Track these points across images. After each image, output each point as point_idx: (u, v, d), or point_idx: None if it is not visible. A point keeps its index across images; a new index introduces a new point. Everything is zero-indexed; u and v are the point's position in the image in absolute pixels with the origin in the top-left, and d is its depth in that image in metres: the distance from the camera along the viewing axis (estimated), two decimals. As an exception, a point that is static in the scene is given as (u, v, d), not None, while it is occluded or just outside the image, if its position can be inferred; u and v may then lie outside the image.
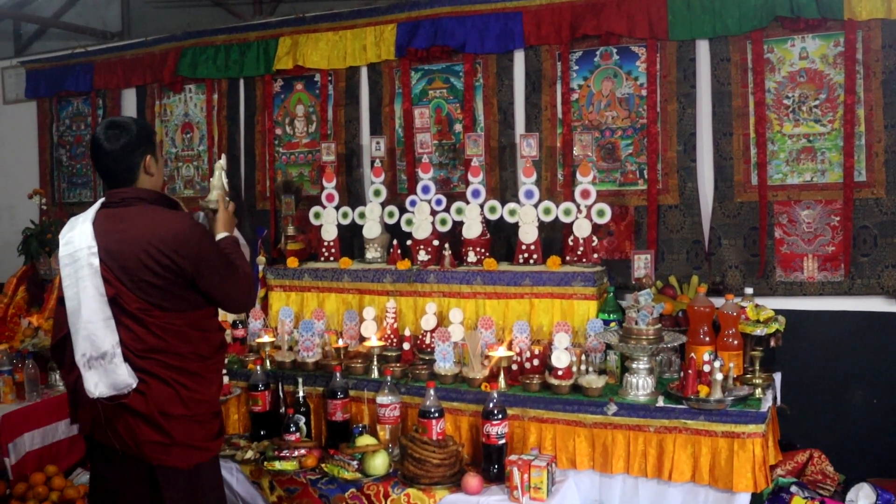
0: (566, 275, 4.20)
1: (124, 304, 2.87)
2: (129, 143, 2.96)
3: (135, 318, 2.88)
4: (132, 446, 2.91)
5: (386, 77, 5.14)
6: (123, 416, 2.88)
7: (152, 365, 2.91)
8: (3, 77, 6.90)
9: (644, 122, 4.51)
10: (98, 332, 2.83)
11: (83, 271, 2.85)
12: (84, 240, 2.89)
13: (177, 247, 2.88)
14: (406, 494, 3.63)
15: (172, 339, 2.94)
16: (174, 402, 2.94)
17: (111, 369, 2.83)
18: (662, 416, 3.58)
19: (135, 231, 2.89)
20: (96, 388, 2.84)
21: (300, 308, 4.77)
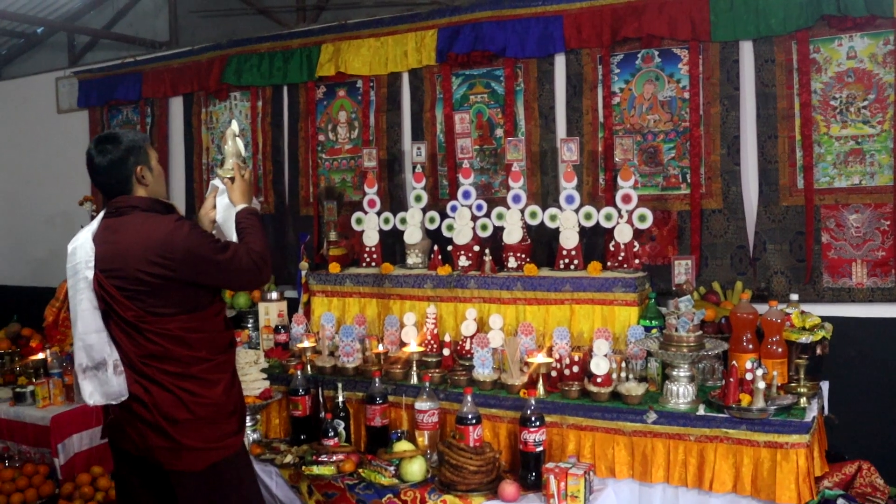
0: (607, 280, 4.15)
1: (121, 312, 2.92)
2: (119, 156, 3.01)
3: (132, 326, 2.93)
4: (145, 451, 2.97)
5: (427, 82, 5.14)
6: (133, 423, 2.95)
7: (154, 372, 2.94)
8: (57, 87, 7.06)
9: (687, 125, 4.45)
10: (93, 343, 2.94)
11: (80, 284, 2.96)
12: (83, 252, 2.97)
13: (164, 252, 2.90)
14: (442, 501, 3.61)
15: (169, 344, 2.95)
16: (177, 407, 2.95)
17: (105, 379, 2.93)
18: (703, 425, 3.52)
19: (126, 240, 2.93)
20: (91, 397, 2.97)
21: (342, 313, 4.79)
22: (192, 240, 2.96)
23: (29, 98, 7.32)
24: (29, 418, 4.86)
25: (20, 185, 7.42)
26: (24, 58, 7.61)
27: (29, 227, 7.36)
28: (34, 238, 7.32)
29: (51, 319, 5.89)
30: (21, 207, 7.41)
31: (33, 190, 7.32)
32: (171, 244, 2.91)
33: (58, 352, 5.27)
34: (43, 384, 4.95)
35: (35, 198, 7.30)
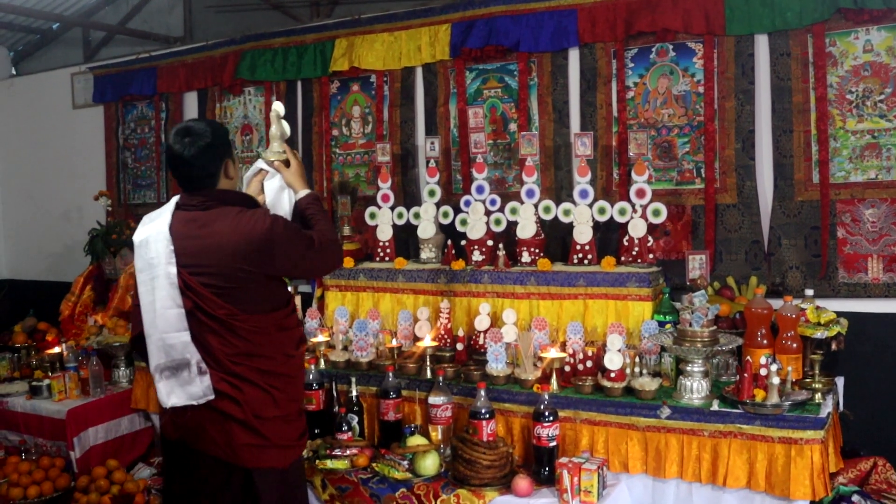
0: (621, 275, 4.14)
1: (211, 311, 2.86)
2: (208, 149, 2.93)
3: (223, 324, 2.88)
4: (228, 451, 2.90)
5: (441, 77, 5.14)
6: (219, 422, 2.89)
7: (245, 370, 2.91)
8: (72, 83, 7.09)
9: (701, 119, 4.43)
10: (174, 343, 2.85)
11: (159, 281, 2.87)
12: (161, 247, 2.88)
13: (262, 247, 2.87)
14: (456, 495, 3.61)
15: (261, 340, 2.94)
16: (268, 404, 2.95)
17: (187, 379, 2.85)
18: (717, 421, 3.50)
19: (218, 236, 2.86)
20: (169, 398, 2.88)
21: (355, 308, 4.80)
22: (289, 235, 2.95)
23: (45, 93, 7.35)
24: (45, 412, 4.91)
25: (36, 181, 7.46)
26: (40, 54, 7.66)
27: (44, 223, 7.40)
28: (50, 233, 7.36)
29: (67, 314, 5.94)
30: (37, 202, 7.46)
31: (49, 185, 7.36)
32: (270, 240, 2.88)
33: (73, 346, 5.32)
34: (59, 378, 5.00)
35: (50, 193, 7.34)
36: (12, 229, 7.72)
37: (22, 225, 7.63)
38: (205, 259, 2.86)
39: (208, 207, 2.93)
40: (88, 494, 4.36)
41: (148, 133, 6.57)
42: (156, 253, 2.88)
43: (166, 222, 2.92)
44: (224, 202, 2.96)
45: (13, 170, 7.66)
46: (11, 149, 7.65)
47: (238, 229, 2.87)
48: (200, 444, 2.92)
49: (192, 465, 2.96)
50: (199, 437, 2.91)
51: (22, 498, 4.43)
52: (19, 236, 7.67)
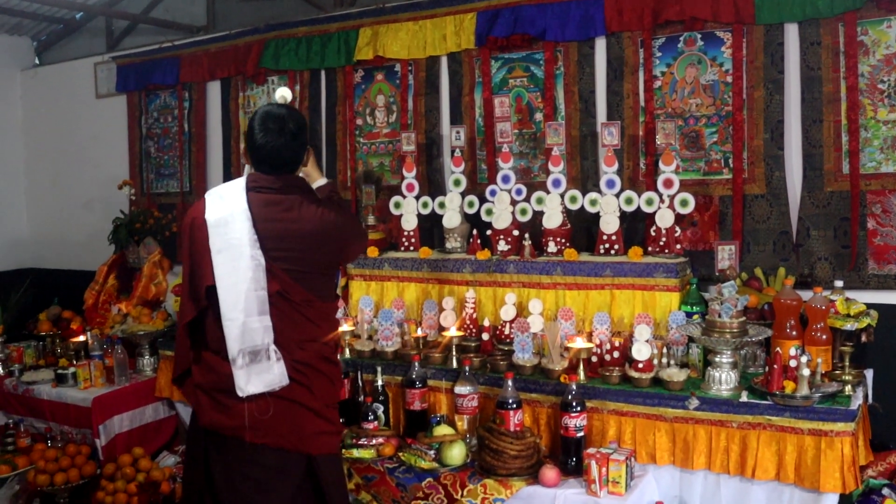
0: (648, 266, 4.12)
1: (290, 296, 2.88)
2: (300, 135, 3.00)
3: (298, 309, 2.90)
4: (294, 440, 2.89)
5: (466, 66, 5.11)
6: (290, 410, 2.87)
7: (310, 356, 2.93)
8: (95, 72, 7.12)
9: (729, 109, 4.39)
10: (256, 328, 2.82)
11: (244, 262, 2.82)
12: (244, 227, 2.85)
13: (338, 237, 2.97)
14: (483, 485, 3.61)
15: (326, 327, 3.01)
16: (330, 391, 3.03)
17: (265, 367, 2.82)
18: (746, 412, 3.49)
19: (302, 222, 2.90)
20: (248, 386, 2.81)
21: (380, 297, 4.79)
22: (357, 225, 3.15)
23: (68, 83, 7.38)
24: (71, 399, 4.94)
25: (59, 170, 7.49)
26: (64, 43, 7.66)
27: (68, 211, 7.43)
28: (73, 222, 7.38)
29: (91, 302, 5.97)
30: (60, 192, 7.48)
31: (72, 174, 7.39)
32: (346, 230, 3.01)
33: (98, 334, 5.34)
34: (84, 366, 5.03)
35: (74, 182, 7.37)
36: (36, 218, 7.75)
37: (46, 214, 7.66)
38: (287, 243, 2.89)
39: (290, 192, 2.95)
40: (115, 482, 4.37)
41: (171, 122, 6.58)
42: (239, 233, 2.84)
43: (243, 202, 2.88)
44: (302, 190, 3.00)
45: (37, 159, 7.69)
46: (35, 138, 7.68)
47: (322, 217, 2.93)
48: (261, 438, 2.86)
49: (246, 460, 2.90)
50: (262, 430, 2.85)
51: (49, 485, 4.46)
52: (43, 225, 7.70)
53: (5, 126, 7.63)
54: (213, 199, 2.96)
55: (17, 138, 7.74)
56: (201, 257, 2.89)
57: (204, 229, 2.90)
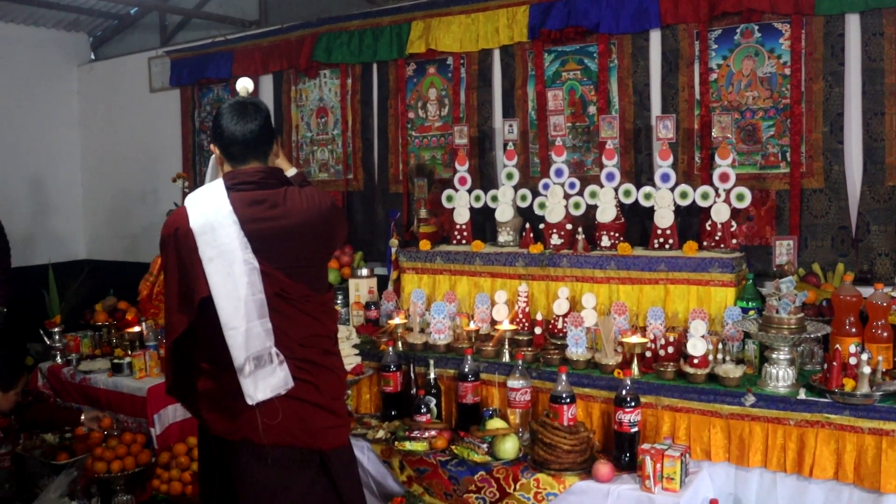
0: (703, 260, 4.07)
1: (286, 294, 2.79)
2: (266, 123, 2.87)
3: (296, 306, 2.82)
4: (306, 437, 2.84)
5: (518, 59, 5.09)
6: (298, 410, 2.81)
7: (313, 353, 2.87)
8: (149, 66, 7.21)
9: (787, 102, 4.32)
10: (258, 333, 2.71)
11: (238, 268, 2.71)
12: (231, 231, 2.72)
13: (328, 224, 2.90)
14: (535, 479, 3.60)
15: (325, 320, 2.94)
16: (336, 384, 2.97)
17: (269, 371, 2.73)
18: (804, 410, 3.43)
19: (291, 217, 2.80)
20: (256, 392, 2.71)
21: (432, 290, 4.80)
22: (338, 210, 3.02)
23: (123, 77, 7.49)
24: (126, 389, 5.00)
25: (114, 163, 7.61)
26: (118, 38, 7.78)
27: (122, 204, 7.55)
28: (127, 215, 7.50)
29: (145, 294, 6.03)
30: (115, 185, 7.60)
31: (127, 167, 7.50)
32: (335, 216, 2.93)
33: (152, 325, 5.40)
34: (139, 356, 5.09)
35: (128, 175, 7.48)
36: (92, 210, 7.89)
37: (101, 207, 7.79)
38: (277, 241, 2.78)
39: (270, 185, 2.84)
40: (169, 470, 4.43)
41: (224, 116, 6.63)
42: (227, 238, 2.71)
43: (226, 205, 2.75)
44: (280, 180, 2.90)
45: (92, 153, 7.83)
46: (91, 132, 7.82)
47: (311, 207, 2.84)
48: (272, 438, 2.80)
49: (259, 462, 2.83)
50: (273, 431, 2.79)
51: (106, 472, 4.52)
52: (98, 218, 7.83)
53: (62, 120, 7.77)
54: (193, 206, 2.79)
55: (74, 132, 7.88)
56: (191, 268, 2.74)
57: (190, 238, 2.74)
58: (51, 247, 7.48)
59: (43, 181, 7.60)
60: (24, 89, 7.41)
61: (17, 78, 7.35)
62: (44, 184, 7.61)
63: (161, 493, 4.36)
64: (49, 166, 7.66)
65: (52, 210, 7.69)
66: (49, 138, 7.65)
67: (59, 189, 7.74)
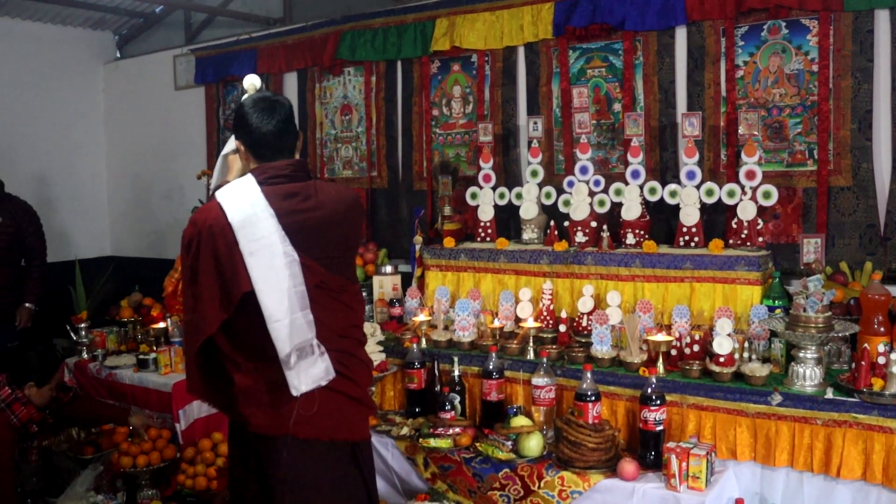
0: (729, 258, 4.05)
1: (326, 285, 2.81)
2: (290, 118, 2.89)
3: (336, 298, 2.85)
4: (343, 430, 2.87)
5: (543, 57, 5.08)
6: (336, 402, 2.83)
7: (349, 344, 2.90)
8: (174, 64, 7.25)
9: (815, 99, 4.29)
10: (301, 325, 2.72)
11: (277, 261, 2.70)
12: (270, 224, 2.72)
13: (355, 215, 2.94)
14: (560, 477, 3.60)
15: (359, 309, 2.99)
16: (368, 375, 3.01)
17: (311, 362, 2.74)
18: (831, 409, 3.40)
19: (324, 208, 2.81)
20: (301, 384, 2.72)
21: (456, 288, 4.80)
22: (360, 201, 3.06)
23: (148, 75, 7.54)
24: (152, 384, 5.02)
25: (139, 160, 7.67)
26: (144, 37, 7.84)
27: (148, 201, 7.60)
28: (152, 212, 7.55)
29: (170, 290, 6.06)
30: (140, 182, 7.66)
31: (151, 164, 7.55)
32: (359, 208, 2.99)
33: (177, 321, 5.43)
34: (165, 352, 5.11)
35: (153, 172, 7.53)
36: (117, 207, 7.95)
37: (127, 204, 7.85)
38: (313, 233, 2.80)
39: (300, 178, 2.85)
40: (195, 465, 4.45)
41: (248, 113, 6.65)
42: (267, 231, 2.70)
43: (261, 199, 2.74)
44: (307, 172, 2.91)
45: (118, 150, 7.89)
46: (117, 129, 7.88)
47: (340, 198, 2.87)
48: (311, 433, 2.81)
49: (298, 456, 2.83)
50: (312, 424, 2.80)
51: (131, 467, 4.56)
52: (124, 215, 7.89)
53: (88, 118, 7.83)
54: (228, 200, 2.76)
55: (100, 130, 7.94)
56: (229, 263, 2.71)
57: (228, 233, 2.71)
58: (77, 243, 7.55)
59: (69, 178, 7.67)
60: (51, 87, 7.48)
61: (43, 76, 7.42)
62: (70, 181, 7.68)
63: (186, 488, 4.38)
64: (75, 163, 7.73)
65: (78, 206, 7.75)
66: (75, 136, 7.73)
67: (84, 186, 7.81)
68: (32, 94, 7.32)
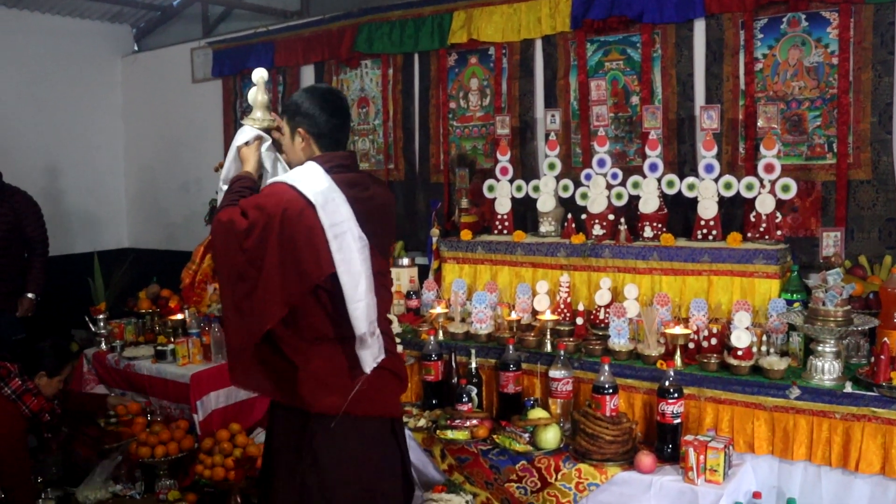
0: (747, 252, 4.03)
1: (382, 270, 3.03)
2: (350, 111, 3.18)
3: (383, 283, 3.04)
4: (390, 406, 3.06)
5: (561, 49, 5.07)
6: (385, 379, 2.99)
7: (387, 326, 3.10)
8: (192, 57, 7.28)
9: (834, 92, 4.27)
10: (372, 305, 2.83)
11: (355, 244, 2.79)
12: (345, 209, 2.80)
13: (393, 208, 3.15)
14: (577, 469, 3.60)
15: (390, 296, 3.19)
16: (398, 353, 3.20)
17: (375, 341, 2.87)
18: (850, 403, 3.38)
19: (379, 198, 3.02)
20: (372, 362, 2.87)
21: (473, 280, 4.81)
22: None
23: (165, 68, 7.58)
24: (170, 375, 5.05)
25: (157, 153, 7.71)
26: (161, 30, 7.86)
27: (165, 194, 7.64)
28: (170, 204, 7.58)
29: (187, 282, 6.08)
30: (158, 174, 7.70)
31: (169, 157, 7.58)
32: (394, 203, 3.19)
33: (195, 312, 5.46)
34: (183, 343, 5.14)
35: (170, 165, 7.57)
36: (134, 199, 7.99)
37: (144, 196, 7.90)
38: (373, 221, 2.91)
39: (355, 169, 3.02)
40: (213, 456, 4.47)
41: (265, 106, 6.66)
42: (345, 216, 2.80)
43: (333, 184, 2.82)
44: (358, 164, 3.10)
45: (135, 143, 7.93)
46: (134, 122, 7.92)
47: (385, 192, 3.13)
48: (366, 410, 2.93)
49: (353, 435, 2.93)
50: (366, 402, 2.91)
51: (150, 457, 4.59)
52: (141, 207, 7.93)
53: (106, 111, 7.87)
54: (304, 183, 2.80)
55: (118, 123, 7.99)
56: (307, 246, 2.75)
57: (307, 216, 2.75)
58: (95, 235, 7.60)
59: (87, 170, 7.72)
60: (69, 80, 7.52)
61: (61, 69, 7.46)
62: (88, 173, 7.73)
63: (204, 478, 4.40)
64: (93, 156, 7.77)
65: (96, 199, 7.79)
66: (93, 128, 7.77)
67: (102, 178, 7.85)
68: (50, 86, 7.36)
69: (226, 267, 2.86)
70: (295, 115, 2.97)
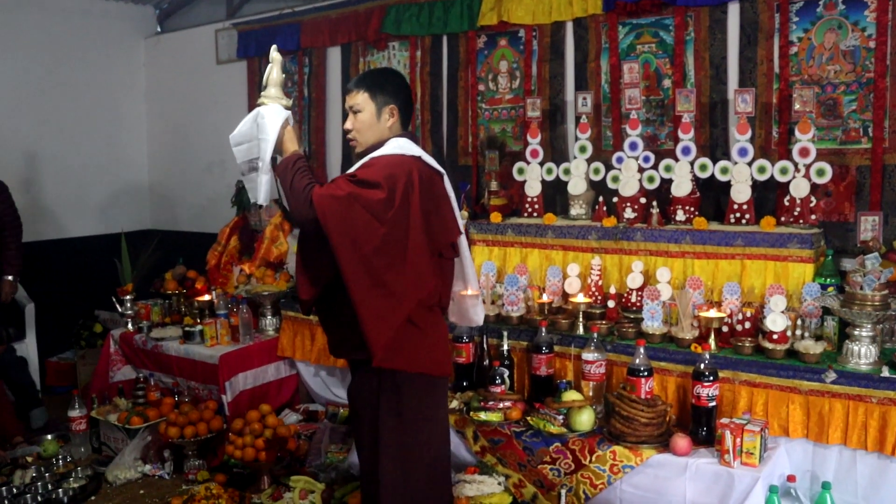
0: (781, 236, 4.02)
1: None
2: None
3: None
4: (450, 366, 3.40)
5: (592, 32, 5.04)
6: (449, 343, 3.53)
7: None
8: (216, 39, 7.25)
9: (871, 76, 4.23)
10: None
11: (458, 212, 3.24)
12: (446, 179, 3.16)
13: None
14: (612, 452, 3.60)
15: None
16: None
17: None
18: (887, 387, 3.37)
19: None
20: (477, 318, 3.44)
21: (502, 263, 4.80)
22: None
23: (189, 50, 7.55)
24: (198, 356, 5.08)
25: (181, 135, 7.69)
26: (185, 10, 7.84)
27: (189, 175, 7.63)
28: (194, 186, 7.58)
29: (213, 263, 6.11)
30: (182, 156, 7.69)
31: (193, 139, 7.57)
32: None
33: (222, 294, 5.48)
34: (211, 324, 5.16)
35: (195, 146, 7.56)
36: (158, 181, 7.99)
37: (169, 178, 7.89)
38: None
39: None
40: (243, 437, 4.48)
41: (291, 88, 6.67)
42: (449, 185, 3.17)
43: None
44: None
45: (159, 124, 7.92)
46: (158, 104, 7.91)
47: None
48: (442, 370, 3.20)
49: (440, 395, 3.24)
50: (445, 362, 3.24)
51: (178, 437, 4.61)
52: (166, 189, 7.93)
53: (130, 93, 7.86)
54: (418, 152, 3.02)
55: (141, 104, 7.98)
56: (437, 212, 3.02)
57: (436, 181, 3.06)
58: (121, 216, 7.60)
59: (112, 152, 7.71)
60: (93, 61, 7.51)
61: (85, 50, 7.45)
62: (113, 154, 7.72)
63: (234, 458, 4.42)
64: (117, 137, 7.77)
65: (121, 180, 7.79)
66: (117, 110, 7.76)
67: (127, 160, 7.85)
68: (74, 68, 7.35)
69: (355, 244, 2.80)
70: (383, 93, 3.08)
